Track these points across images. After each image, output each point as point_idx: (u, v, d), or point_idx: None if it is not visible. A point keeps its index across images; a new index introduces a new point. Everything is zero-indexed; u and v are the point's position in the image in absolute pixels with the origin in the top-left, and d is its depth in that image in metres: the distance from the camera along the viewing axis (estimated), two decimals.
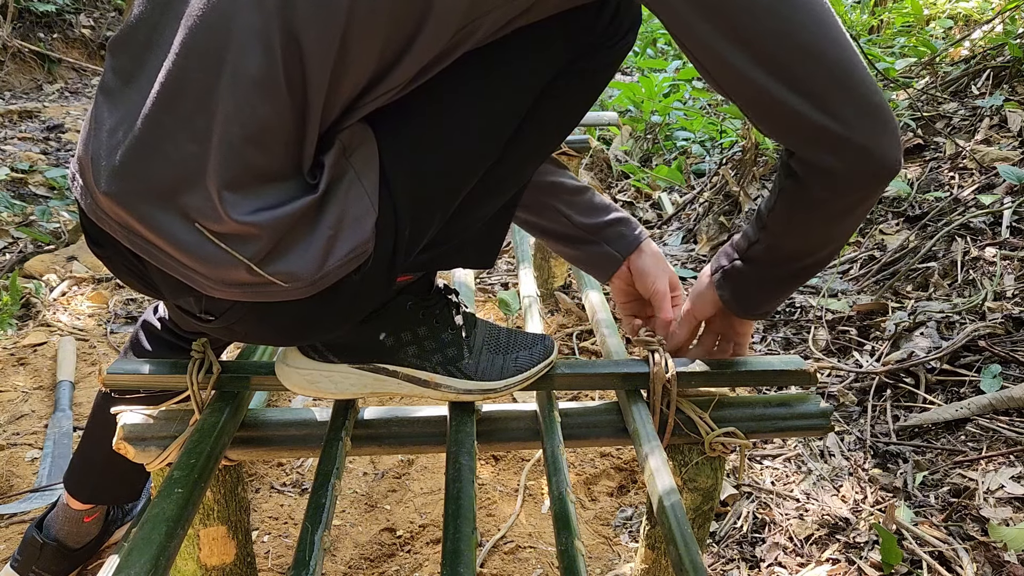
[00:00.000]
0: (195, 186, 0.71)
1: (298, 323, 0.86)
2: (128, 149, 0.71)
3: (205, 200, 0.71)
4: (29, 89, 6.11)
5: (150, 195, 0.72)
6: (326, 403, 1.31)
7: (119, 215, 0.73)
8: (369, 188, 0.78)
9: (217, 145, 0.70)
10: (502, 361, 1.04)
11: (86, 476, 1.34)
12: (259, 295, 0.78)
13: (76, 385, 2.10)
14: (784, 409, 1.11)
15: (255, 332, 0.89)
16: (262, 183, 0.73)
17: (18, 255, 2.90)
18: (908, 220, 2.59)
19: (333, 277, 0.78)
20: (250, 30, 0.68)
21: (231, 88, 0.69)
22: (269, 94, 0.69)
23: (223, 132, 0.70)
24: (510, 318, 2.40)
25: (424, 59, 0.75)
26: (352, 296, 0.84)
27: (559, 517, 0.90)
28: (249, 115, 0.69)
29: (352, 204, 0.77)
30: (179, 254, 0.74)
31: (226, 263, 0.73)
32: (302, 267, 0.76)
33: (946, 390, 1.84)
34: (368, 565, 1.54)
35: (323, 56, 0.69)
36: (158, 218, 0.72)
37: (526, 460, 1.84)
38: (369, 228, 0.78)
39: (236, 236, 0.73)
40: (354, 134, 0.78)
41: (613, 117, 3.28)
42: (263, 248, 0.73)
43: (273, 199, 0.73)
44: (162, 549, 0.75)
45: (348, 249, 0.77)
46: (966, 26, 4.16)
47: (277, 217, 0.73)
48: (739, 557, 1.53)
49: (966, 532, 1.43)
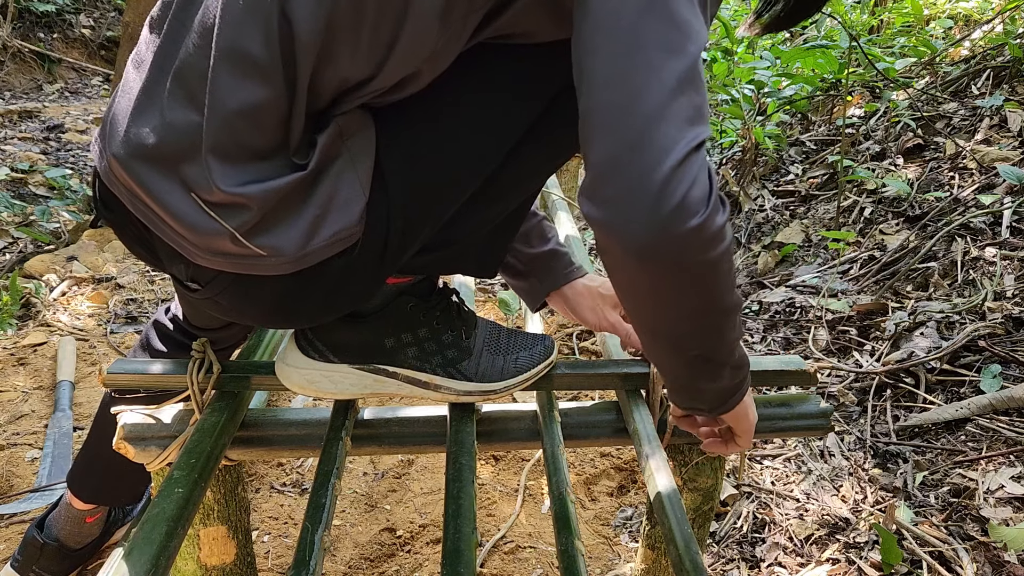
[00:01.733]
0: (195, 156, 0.73)
1: (281, 303, 0.86)
2: (138, 115, 0.74)
3: (201, 170, 0.73)
4: (29, 89, 6.11)
5: (154, 160, 0.74)
6: (326, 403, 1.31)
7: (124, 178, 0.76)
8: (362, 174, 0.79)
9: (211, 117, 0.72)
10: (502, 362, 1.04)
11: (90, 476, 1.34)
12: (243, 266, 0.79)
13: (76, 385, 2.10)
14: (784, 409, 1.11)
15: (239, 307, 0.89)
16: (252, 158, 0.74)
17: (18, 255, 2.90)
18: (908, 220, 2.59)
19: (316, 257, 0.79)
20: (253, 9, 0.70)
21: (229, 64, 0.71)
22: (264, 73, 0.71)
23: (219, 105, 0.72)
24: (510, 318, 2.40)
25: (413, 60, 0.75)
26: (337, 283, 0.84)
27: (559, 517, 0.90)
28: (243, 91, 0.71)
29: (343, 187, 0.78)
30: (172, 220, 0.76)
31: (213, 231, 0.75)
32: (286, 242, 0.77)
33: (946, 390, 1.84)
34: (368, 565, 1.54)
35: (310, 38, 0.70)
36: (159, 184, 0.75)
37: (526, 460, 1.84)
38: (357, 213, 0.79)
39: (225, 206, 0.74)
40: (354, 120, 0.79)
41: None
42: (250, 220, 0.75)
43: (262, 173, 0.75)
44: (162, 549, 0.75)
45: (334, 231, 0.78)
46: (966, 26, 4.16)
47: (265, 190, 0.74)
48: (739, 557, 1.53)
49: (966, 532, 1.43)
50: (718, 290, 0.72)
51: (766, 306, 2.54)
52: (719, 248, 0.67)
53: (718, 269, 0.69)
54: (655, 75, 0.63)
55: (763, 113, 3.60)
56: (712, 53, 4.23)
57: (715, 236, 0.66)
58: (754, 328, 2.46)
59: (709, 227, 0.64)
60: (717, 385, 0.85)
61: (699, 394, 0.88)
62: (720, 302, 0.74)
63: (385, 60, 0.74)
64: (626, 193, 0.63)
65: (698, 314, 0.74)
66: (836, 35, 3.94)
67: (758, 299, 2.61)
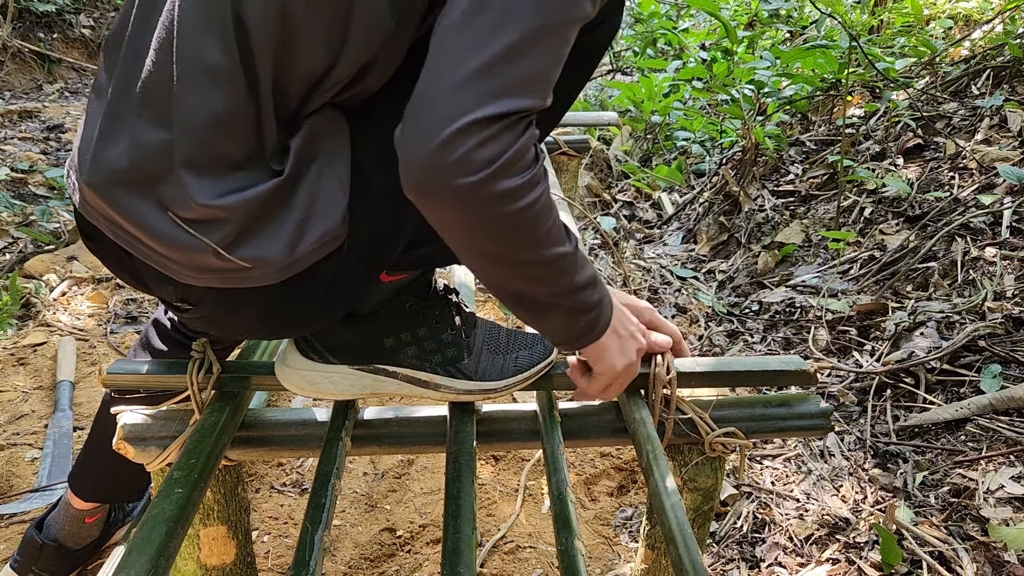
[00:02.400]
0: (169, 175, 0.73)
1: (274, 312, 0.86)
2: (106, 140, 0.74)
3: (176, 188, 0.73)
4: (29, 89, 6.11)
5: (128, 184, 0.74)
6: (326, 403, 1.31)
7: (100, 206, 0.75)
8: (340, 175, 0.79)
9: (181, 132, 0.72)
10: (502, 361, 1.04)
11: (90, 475, 1.34)
12: (230, 280, 0.78)
13: (76, 385, 2.10)
14: (784, 409, 1.11)
15: (234, 321, 0.89)
16: (227, 169, 0.74)
17: (18, 255, 2.90)
18: (908, 220, 2.59)
19: (305, 262, 0.78)
20: (208, 18, 0.70)
21: (191, 77, 0.71)
22: (226, 81, 0.71)
23: (187, 119, 0.71)
24: (510, 318, 2.40)
25: (368, 44, 0.75)
26: (328, 286, 0.84)
27: (559, 517, 0.90)
28: (210, 101, 0.71)
29: (323, 189, 0.77)
30: (153, 242, 0.75)
31: (195, 249, 0.75)
32: (271, 252, 0.76)
33: (946, 390, 1.84)
34: (368, 565, 1.54)
35: (266, 34, 0.70)
36: (135, 206, 0.74)
37: (526, 460, 1.84)
38: (340, 213, 0.78)
39: (203, 221, 0.74)
40: (324, 120, 0.79)
41: (613, 117, 3.28)
42: (230, 232, 0.74)
43: (239, 183, 0.74)
44: (162, 549, 0.75)
45: (319, 234, 0.77)
46: (966, 26, 4.16)
47: (243, 200, 0.74)
48: (739, 557, 1.53)
49: (966, 532, 1.43)
50: (513, 243, 0.76)
51: (766, 306, 2.54)
52: (508, 207, 0.72)
53: (509, 225, 0.73)
54: (477, 44, 0.68)
55: (763, 113, 3.60)
56: (712, 53, 4.23)
57: (500, 196, 0.70)
58: (754, 328, 2.46)
59: (490, 187, 0.69)
60: (549, 325, 0.89)
61: (542, 330, 0.92)
62: (519, 254, 0.77)
63: (342, 46, 0.74)
64: (413, 137, 0.69)
65: (493, 258, 0.78)
66: (836, 35, 3.94)
67: (758, 299, 2.61)
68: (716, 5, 3.69)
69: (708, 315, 2.62)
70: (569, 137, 2.90)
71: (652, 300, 2.72)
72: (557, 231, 0.79)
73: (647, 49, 4.81)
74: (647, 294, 2.74)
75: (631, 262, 3.01)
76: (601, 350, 0.94)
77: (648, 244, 3.42)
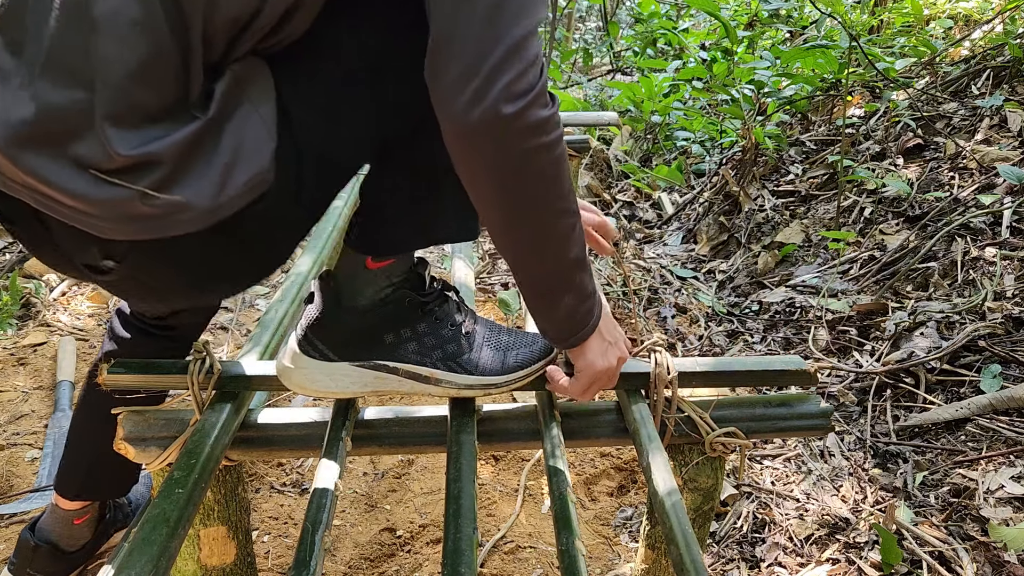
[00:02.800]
0: (85, 133, 0.71)
1: (203, 264, 0.85)
2: (15, 105, 0.72)
3: (94, 144, 0.71)
4: None
5: (35, 144, 0.72)
6: (326, 403, 1.31)
7: (16, 174, 0.73)
8: (266, 117, 0.78)
9: (103, 88, 0.71)
10: (503, 357, 1.04)
11: (73, 473, 1.32)
12: (156, 229, 0.76)
13: (76, 385, 2.10)
14: (784, 409, 1.11)
15: (163, 278, 0.87)
16: (151, 119, 0.73)
17: (18, 255, 2.90)
18: (908, 220, 2.59)
19: (232, 206, 0.77)
20: None
21: (110, 30, 0.70)
22: (148, 31, 0.70)
23: (109, 74, 0.70)
24: (510, 318, 2.40)
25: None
26: (258, 233, 0.83)
27: (559, 517, 0.90)
28: (130, 53, 0.70)
29: (249, 133, 0.77)
30: (70, 199, 0.73)
31: (119, 197, 0.73)
32: (197, 195, 0.75)
33: (946, 390, 1.84)
34: (368, 565, 1.54)
35: None
36: (47, 167, 0.72)
37: (526, 460, 1.84)
38: (268, 157, 0.78)
39: (127, 169, 0.73)
40: (248, 67, 0.78)
41: (613, 117, 3.28)
42: (156, 178, 0.73)
43: (164, 130, 0.73)
44: (163, 549, 0.75)
45: (246, 177, 0.77)
46: (966, 26, 4.16)
47: (167, 145, 0.73)
48: (739, 557, 1.53)
49: (966, 532, 1.43)
50: (543, 182, 0.79)
51: (766, 306, 2.54)
52: (543, 138, 0.75)
53: (545, 158, 0.77)
54: None
55: (763, 113, 3.61)
56: (712, 53, 4.23)
57: (536, 125, 0.74)
58: (754, 328, 2.46)
59: (529, 114, 0.73)
60: (558, 314, 0.92)
61: (549, 316, 0.94)
62: (547, 196, 0.81)
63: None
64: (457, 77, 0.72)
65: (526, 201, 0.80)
66: (836, 35, 3.94)
67: (758, 299, 2.61)
68: (716, 5, 3.69)
69: (708, 315, 2.62)
70: (569, 137, 2.91)
71: (652, 300, 2.72)
72: (572, 192, 0.83)
73: (647, 49, 4.82)
74: (647, 294, 2.74)
75: (631, 262, 3.01)
76: (587, 350, 0.97)
77: (648, 244, 3.42)
